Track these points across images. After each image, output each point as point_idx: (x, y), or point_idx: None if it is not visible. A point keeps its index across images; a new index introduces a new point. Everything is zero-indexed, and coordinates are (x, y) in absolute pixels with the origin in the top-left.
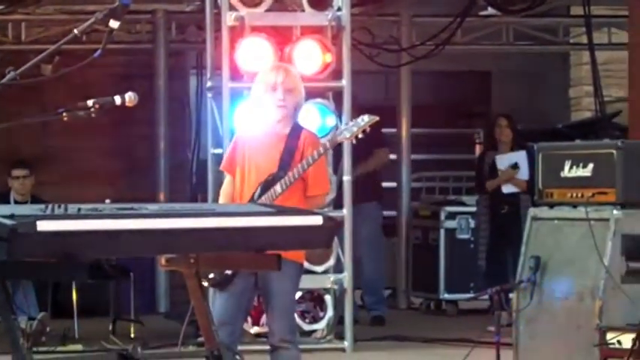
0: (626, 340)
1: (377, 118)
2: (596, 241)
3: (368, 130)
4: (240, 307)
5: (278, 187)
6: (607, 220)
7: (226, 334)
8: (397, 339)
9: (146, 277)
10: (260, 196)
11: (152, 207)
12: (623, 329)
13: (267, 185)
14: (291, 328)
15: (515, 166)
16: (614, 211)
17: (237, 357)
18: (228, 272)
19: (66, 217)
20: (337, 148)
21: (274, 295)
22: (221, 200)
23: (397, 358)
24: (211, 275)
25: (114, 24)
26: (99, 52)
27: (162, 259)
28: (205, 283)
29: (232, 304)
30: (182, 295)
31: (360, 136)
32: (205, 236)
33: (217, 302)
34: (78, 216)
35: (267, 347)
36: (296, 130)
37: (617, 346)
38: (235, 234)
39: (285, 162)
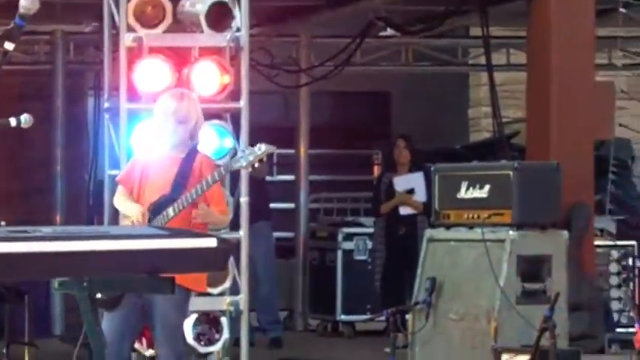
0: None
1: (274, 148)
2: (492, 262)
3: (265, 159)
4: (127, 328)
5: (170, 210)
6: (503, 241)
7: (113, 355)
8: None
9: (41, 299)
10: (152, 219)
11: (46, 229)
12: (517, 350)
13: (158, 206)
14: (177, 354)
15: (410, 192)
16: (510, 232)
17: None
18: (115, 294)
19: None
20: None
21: (158, 320)
22: (120, 202)
23: None
24: (98, 295)
25: (9, 46)
26: None
27: (56, 282)
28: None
29: (119, 325)
30: (77, 317)
31: (256, 165)
32: (98, 259)
33: (105, 323)
34: None
35: None
36: (191, 153)
37: None
38: (128, 256)
39: (178, 184)
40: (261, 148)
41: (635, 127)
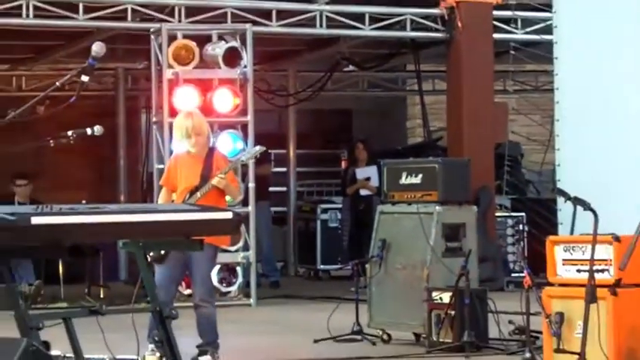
0: (446, 297)
1: (264, 148)
2: (424, 228)
3: (258, 155)
4: (173, 276)
5: (198, 193)
6: (431, 213)
7: (163, 295)
8: (288, 297)
9: (111, 254)
10: (188, 199)
11: (113, 206)
12: (443, 289)
13: (192, 192)
14: (208, 291)
15: (367, 179)
16: (437, 207)
17: (173, 312)
18: (162, 252)
19: (52, 213)
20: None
21: (195, 268)
22: (161, 201)
23: (289, 310)
24: (151, 253)
25: (85, 78)
26: (73, 98)
27: (120, 243)
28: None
29: (167, 274)
30: (137, 267)
31: (254, 158)
32: (149, 227)
33: (157, 272)
34: (61, 213)
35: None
36: (210, 153)
37: (439, 301)
38: (170, 225)
39: (204, 175)
40: (256, 149)
41: (522, 134)
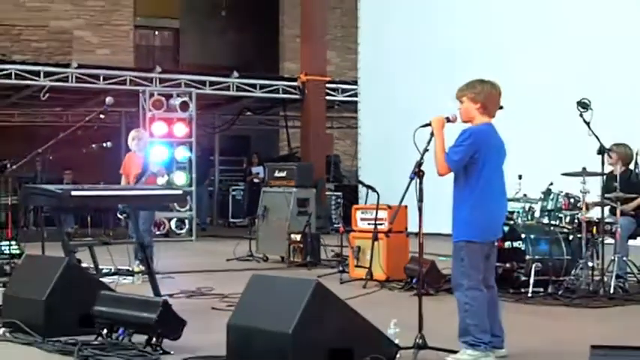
0: (298, 237)
1: (164, 172)
2: (287, 201)
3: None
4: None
5: (143, 179)
6: (291, 192)
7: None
8: (213, 236)
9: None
10: (137, 181)
11: (116, 186)
12: (297, 232)
13: (138, 178)
14: (149, 229)
15: (257, 173)
16: (294, 189)
17: (147, 243)
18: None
19: (83, 189)
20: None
21: (148, 217)
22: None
23: (213, 243)
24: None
25: (102, 116)
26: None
27: (120, 207)
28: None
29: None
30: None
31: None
32: (138, 197)
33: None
34: (87, 189)
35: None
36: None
37: (295, 239)
38: (150, 197)
39: (145, 167)
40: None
41: (340, 151)
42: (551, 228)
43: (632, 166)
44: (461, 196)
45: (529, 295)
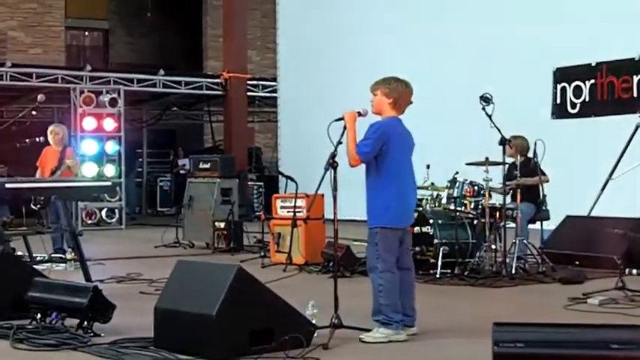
0: (222, 224)
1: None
2: (212, 190)
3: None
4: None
5: (58, 172)
6: (215, 182)
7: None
8: (142, 224)
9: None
10: (53, 174)
11: (48, 179)
12: (221, 220)
13: (54, 170)
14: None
15: (184, 165)
16: (218, 180)
17: (80, 231)
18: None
19: (16, 181)
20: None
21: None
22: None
23: (142, 231)
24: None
25: (34, 112)
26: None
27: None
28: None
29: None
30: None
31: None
32: (69, 189)
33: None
34: (20, 181)
35: None
36: (64, 149)
37: (219, 226)
38: (80, 188)
39: (61, 160)
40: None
41: (261, 143)
42: (457, 214)
43: (530, 155)
44: (373, 185)
45: (437, 276)
